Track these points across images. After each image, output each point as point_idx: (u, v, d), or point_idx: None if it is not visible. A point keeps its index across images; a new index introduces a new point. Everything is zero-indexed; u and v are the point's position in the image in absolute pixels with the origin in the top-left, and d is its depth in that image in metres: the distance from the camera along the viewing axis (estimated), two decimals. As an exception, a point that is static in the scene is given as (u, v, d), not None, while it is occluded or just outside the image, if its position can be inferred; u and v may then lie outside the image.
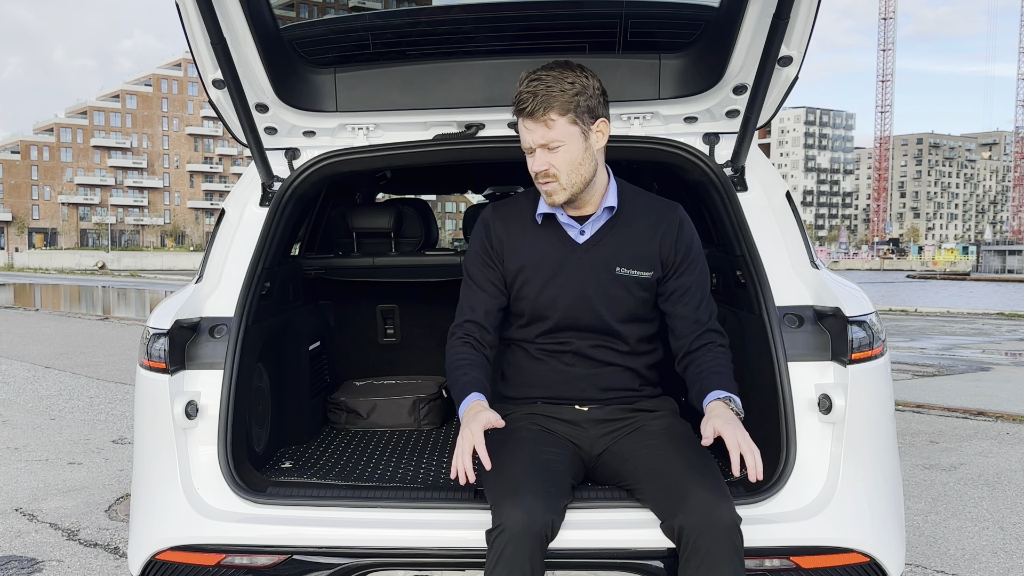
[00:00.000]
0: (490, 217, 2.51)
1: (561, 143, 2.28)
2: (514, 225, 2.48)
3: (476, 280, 2.50)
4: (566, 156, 2.29)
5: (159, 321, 2.46)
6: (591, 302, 2.42)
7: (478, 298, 2.48)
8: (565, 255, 2.43)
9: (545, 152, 2.29)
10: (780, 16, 2.22)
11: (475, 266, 2.51)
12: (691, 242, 2.47)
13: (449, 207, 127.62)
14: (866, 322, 2.37)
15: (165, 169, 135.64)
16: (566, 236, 2.44)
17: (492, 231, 2.49)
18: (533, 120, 2.26)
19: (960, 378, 9.97)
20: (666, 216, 2.46)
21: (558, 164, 2.29)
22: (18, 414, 7.41)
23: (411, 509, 2.33)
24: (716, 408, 2.24)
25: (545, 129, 2.27)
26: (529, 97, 2.25)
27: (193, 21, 2.35)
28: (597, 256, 2.42)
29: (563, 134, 2.27)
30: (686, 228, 2.47)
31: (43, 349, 12.23)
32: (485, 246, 2.50)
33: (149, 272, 65.52)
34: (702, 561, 2.03)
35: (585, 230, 2.43)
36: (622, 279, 2.42)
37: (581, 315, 2.44)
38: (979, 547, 4.15)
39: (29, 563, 3.89)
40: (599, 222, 2.44)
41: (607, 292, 2.42)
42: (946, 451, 6.10)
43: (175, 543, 2.30)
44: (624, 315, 2.45)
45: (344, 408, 3.51)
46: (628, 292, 2.43)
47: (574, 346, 2.46)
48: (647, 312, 2.49)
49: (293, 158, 2.89)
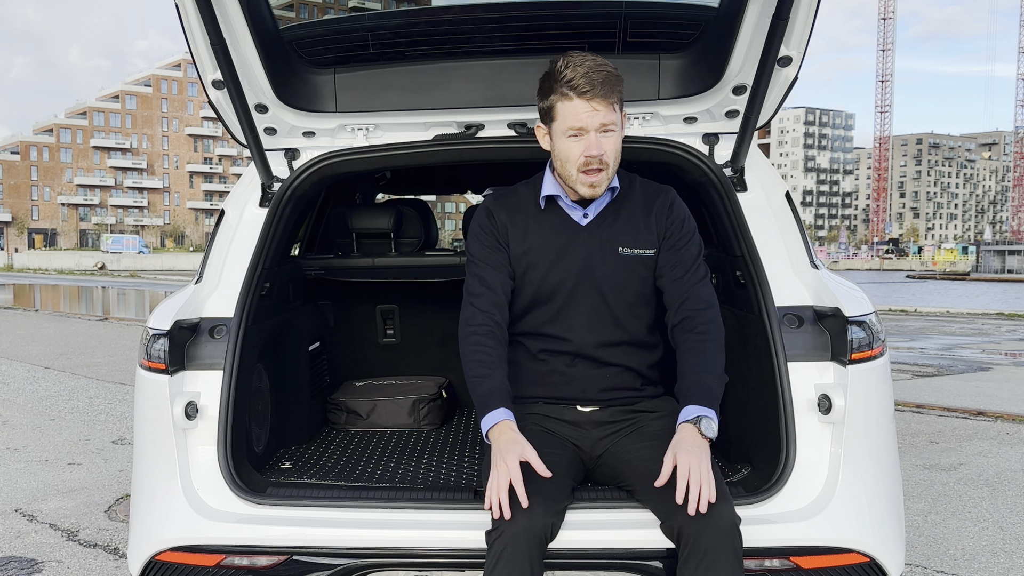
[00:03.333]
0: (492, 205, 2.51)
1: (615, 128, 2.29)
2: (517, 212, 2.48)
3: (485, 259, 2.43)
4: (615, 142, 2.31)
5: (159, 322, 2.46)
6: (596, 282, 2.42)
7: (490, 275, 2.42)
8: (569, 237, 2.43)
9: (600, 136, 2.27)
10: (780, 16, 2.22)
11: (482, 248, 2.45)
12: (684, 219, 2.47)
13: (449, 207, 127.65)
14: (866, 322, 2.37)
15: (165, 170, 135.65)
16: (569, 219, 2.45)
17: (496, 217, 2.48)
18: (601, 102, 2.24)
19: (960, 378, 9.97)
20: (659, 194, 2.49)
21: (609, 149, 2.29)
22: (18, 415, 7.41)
23: (411, 509, 2.33)
24: (680, 433, 2.19)
25: (610, 111, 2.26)
26: (594, 80, 2.22)
27: (193, 22, 2.35)
28: (601, 237, 2.43)
29: (618, 119, 2.29)
30: (677, 205, 2.49)
31: (43, 350, 12.23)
32: (490, 229, 2.46)
33: (149, 272, 65.51)
34: (701, 562, 2.02)
35: (589, 212, 2.44)
36: (625, 258, 2.43)
37: (585, 298, 2.43)
38: (979, 547, 4.15)
39: (29, 564, 3.89)
40: (602, 203, 2.44)
41: (612, 273, 2.42)
42: (946, 451, 6.10)
43: (175, 544, 2.30)
44: (629, 296, 2.45)
45: (344, 408, 3.51)
46: (632, 272, 2.43)
47: (576, 345, 2.45)
48: (649, 293, 2.48)
49: (293, 159, 2.89)
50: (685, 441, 2.15)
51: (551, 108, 2.31)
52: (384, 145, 2.87)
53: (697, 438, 2.17)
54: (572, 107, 2.25)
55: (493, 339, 2.35)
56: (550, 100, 2.31)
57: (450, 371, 3.90)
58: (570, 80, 2.24)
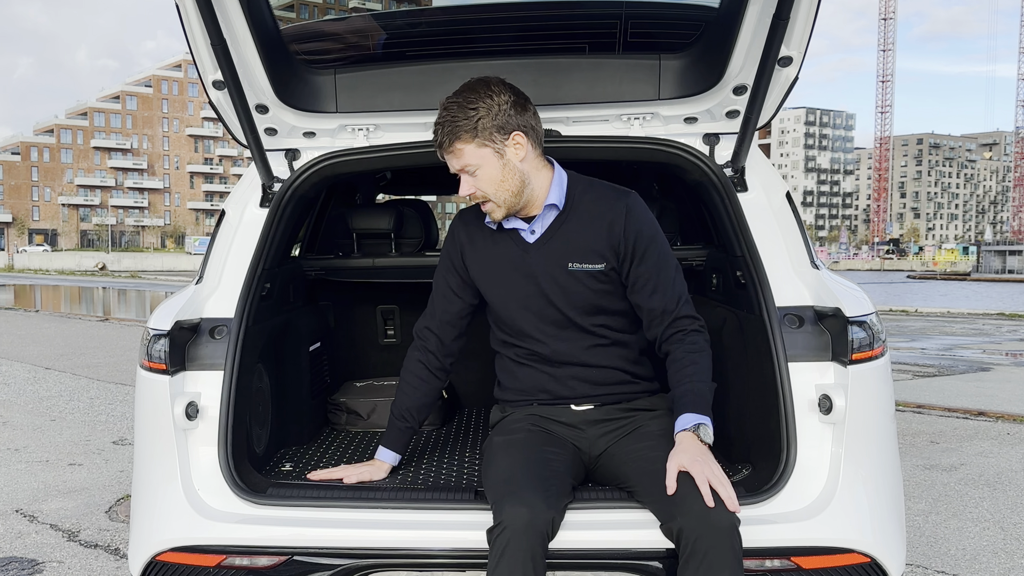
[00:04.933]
0: (457, 224, 2.61)
1: (476, 166, 2.36)
2: (476, 231, 2.55)
3: (437, 286, 2.63)
4: (486, 177, 2.37)
5: (159, 322, 2.46)
6: (547, 297, 2.45)
7: (436, 304, 2.62)
8: (519, 255, 2.48)
9: (467, 177, 2.38)
10: (780, 16, 2.22)
11: (440, 271, 2.62)
12: (640, 229, 2.42)
13: (449, 207, 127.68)
14: (866, 322, 2.37)
15: (165, 170, 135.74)
16: (519, 237, 2.49)
17: (456, 237, 2.59)
18: (446, 151, 2.37)
19: (960, 378, 9.97)
20: (614, 205, 2.44)
21: (482, 185, 2.37)
22: (18, 415, 7.42)
23: (412, 510, 2.33)
24: (683, 441, 2.22)
25: (456, 159, 2.37)
26: (438, 130, 2.36)
27: (193, 22, 2.35)
28: (549, 253, 2.45)
29: (474, 158, 2.35)
30: (635, 214, 2.43)
31: (43, 350, 12.24)
32: (449, 251, 2.60)
33: (149, 273, 65.53)
34: (701, 563, 2.02)
35: (535, 229, 2.47)
36: (575, 274, 2.44)
37: (542, 311, 2.47)
38: (980, 547, 4.15)
39: (30, 564, 3.89)
40: (547, 219, 2.46)
41: (562, 287, 2.45)
42: (947, 451, 6.10)
43: (175, 544, 2.30)
44: (585, 307, 2.46)
45: (344, 409, 3.51)
46: (584, 286, 2.45)
47: (550, 348, 2.48)
48: (613, 303, 2.48)
49: (293, 159, 2.89)
50: (690, 449, 2.18)
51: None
52: (385, 145, 2.87)
53: (699, 445, 2.20)
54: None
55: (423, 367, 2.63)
56: None
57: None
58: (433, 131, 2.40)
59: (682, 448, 2.19)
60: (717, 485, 2.08)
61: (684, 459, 2.14)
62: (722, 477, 2.11)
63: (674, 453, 2.19)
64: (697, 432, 2.23)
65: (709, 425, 2.26)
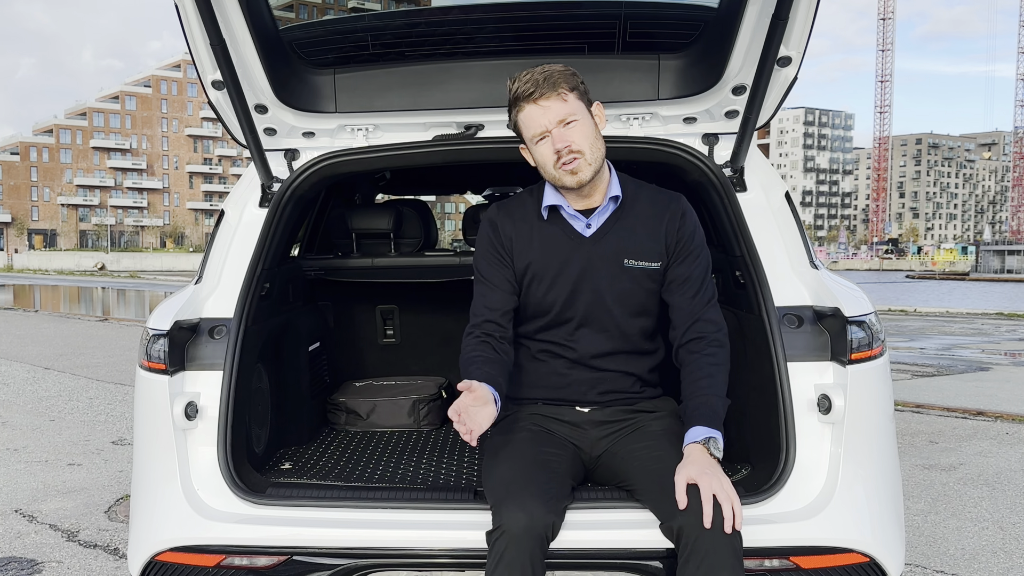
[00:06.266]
0: (496, 216, 2.50)
1: (576, 117, 2.30)
2: (521, 222, 2.47)
3: (490, 279, 2.46)
4: (582, 130, 2.31)
5: (159, 322, 2.46)
6: (600, 295, 2.41)
7: (495, 297, 2.44)
8: (573, 249, 2.42)
9: (562, 129, 2.30)
10: (779, 16, 2.22)
11: (488, 265, 2.47)
12: (693, 231, 2.45)
13: (449, 207, 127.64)
14: (865, 322, 2.37)
15: (164, 170, 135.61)
16: (572, 230, 2.43)
17: (500, 229, 2.47)
18: (547, 98, 2.28)
19: (960, 378, 9.98)
20: (669, 206, 2.45)
21: (577, 138, 2.30)
22: (18, 415, 7.41)
23: (411, 510, 2.33)
24: (692, 454, 2.19)
25: (561, 103, 2.29)
26: (537, 81, 2.28)
27: (192, 22, 2.35)
28: (605, 248, 2.41)
29: (576, 108, 2.30)
30: (688, 217, 2.46)
31: (43, 350, 12.23)
32: (495, 244, 2.47)
33: (148, 273, 65.51)
34: (701, 563, 2.02)
35: (592, 223, 2.42)
36: (631, 271, 2.41)
37: (589, 309, 2.42)
38: (979, 547, 4.15)
39: (29, 564, 3.89)
40: (605, 213, 2.42)
41: (616, 285, 2.41)
42: (946, 451, 6.10)
43: (175, 544, 2.30)
44: (633, 308, 2.44)
45: (344, 409, 3.52)
46: (637, 284, 2.42)
47: (576, 351, 2.45)
48: (653, 305, 2.47)
49: (292, 159, 2.89)
50: (699, 461, 2.15)
51: (516, 125, 2.38)
52: (384, 145, 2.87)
53: (708, 458, 2.17)
54: (527, 114, 2.32)
55: (491, 348, 2.37)
56: (512, 118, 2.37)
57: (450, 371, 3.90)
58: (517, 91, 2.32)
59: (691, 460, 2.17)
60: (723, 500, 2.05)
61: (693, 471, 2.12)
62: (730, 491, 2.08)
63: (682, 466, 2.16)
64: (707, 445, 2.20)
65: (720, 440, 2.23)
